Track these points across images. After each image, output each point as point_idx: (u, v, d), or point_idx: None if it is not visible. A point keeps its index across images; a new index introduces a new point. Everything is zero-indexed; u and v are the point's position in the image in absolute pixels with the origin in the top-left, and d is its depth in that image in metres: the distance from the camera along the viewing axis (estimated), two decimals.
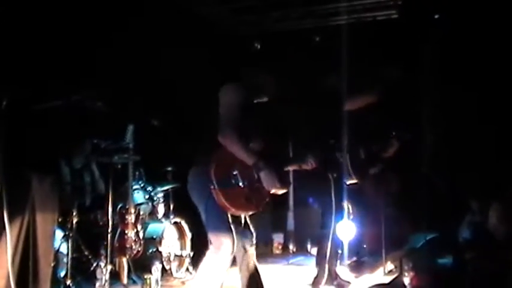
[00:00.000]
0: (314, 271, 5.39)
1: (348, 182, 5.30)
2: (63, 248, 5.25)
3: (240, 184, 3.77)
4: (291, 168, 4.27)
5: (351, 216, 5.94)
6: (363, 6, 7.37)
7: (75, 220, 5.31)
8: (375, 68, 5.89)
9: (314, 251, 7.67)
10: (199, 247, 5.99)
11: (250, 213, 3.95)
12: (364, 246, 6.54)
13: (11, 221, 3.50)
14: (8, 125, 3.48)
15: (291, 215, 8.90)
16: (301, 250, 8.14)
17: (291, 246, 8.44)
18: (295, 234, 8.62)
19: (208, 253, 3.90)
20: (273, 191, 3.90)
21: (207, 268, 3.86)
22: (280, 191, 3.98)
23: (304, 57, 7.78)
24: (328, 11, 7.69)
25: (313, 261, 5.54)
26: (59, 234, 5.20)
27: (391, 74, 5.34)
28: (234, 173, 3.77)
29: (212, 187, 3.73)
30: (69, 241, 5.22)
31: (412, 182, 6.75)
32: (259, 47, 7.96)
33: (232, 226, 3.79)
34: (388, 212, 6.39)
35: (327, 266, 5.29)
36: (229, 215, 3.81)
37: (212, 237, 3.86)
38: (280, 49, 7.88)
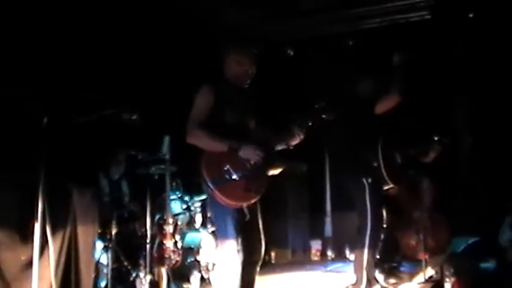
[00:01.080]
0: (353, 278, 5.35)
1: (385, 188, 5.26)
2: (104, 259, 5.30)
3: (234, 177, 3.80)
4: (280, 147, 4.22)
5: (387, 222, 5.88)
6: (395, 8, 7.30)
7: (114, 231, 5.37)
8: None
9: (352, 257, 7.66)
10: None
11: (253, 201, 3.92)
12: (401, 252, 6.46)
13: (53, 234, 3.58)
14: (49, 141, 3.54)
15: (328, 221, 8.86)
16: (340, 256, 8.06)
17: (329, 253, 8.37)
18: (333, 240, 8.56)
19: (218, 257, 3.99)
20: (258, 163, 3.89)
21: (221, 266, 3.92)
22: (275, 169, 4.03)
23: (336, 62, 7.77)
24: (360, 15, 7.65)
25: (351, 267, 5.50)
26: (99, 245, 5.25)
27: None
28: (226, 168, 3.81)
29: (209, 189, 3.80)
30: (109, 252, 5.29)
31: (450, 186, 6.68)
32: (292, 53, 7.97)
33: (238, 229, 3.82)
34: (426, 216, 6.34)
35: (365, 272, 5.24)
36: (233, 214, 3.83)
37: (219, 240, 3.97)
38: (313, 55, 7.89)
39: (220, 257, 3.93)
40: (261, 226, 4.04)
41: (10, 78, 4.82)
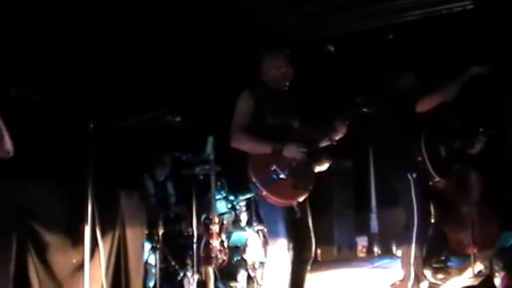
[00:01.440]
0: (400, 274, 5.31)
1: (431, 182, 5.20)
2: (151, 260, 5.37)
3: (282, 176, 3.88)
4: (324, 143, 4.22)
5: (434, 216, 5.81)
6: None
7: (161, 232, 5.44)
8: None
9: (399, 253, 7.59)
10: None
11: (302, 198, 3.97)
12: (449, 246, 6.38)
13: (103, 236, 3.66)
14: (96, 145, 3.61)
15: (374, 217, 8.80)
16: (387, 252, 7.99)
17: (375, 249, 8.32)
18: (380, 237, 8.50)
19: (268, 250, 4.06)
20: (303, 160, 3.94)
21: (271, 264, 3.96)
22: (321, 165, 4.09)
23: (376, 57, 7.70)
24: (400, 7, 7.55)
25: (398, 263, 5.46)
26: (147, 246, 5.33)
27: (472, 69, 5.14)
28: (272, 168, 3.89)
29: (259, 190, 3.88)
30: (157, 252, 5.36)
31: (498, 179, 6.55)
32: (332, 49, 7.93)
33: (289, 227, 3.87)
34: (475, 210, 6.24)
35: (412, 268, 5.19)
36: (284, 213, 3.89)
37: (270, 239, 4.04)
38: (353, 50, 7.83)
39: (271, 256, 3.98)
40: (310, 224, 4.08)
41: (57, 85, 4.94)
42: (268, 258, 4.06)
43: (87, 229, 3.49)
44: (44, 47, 5.12)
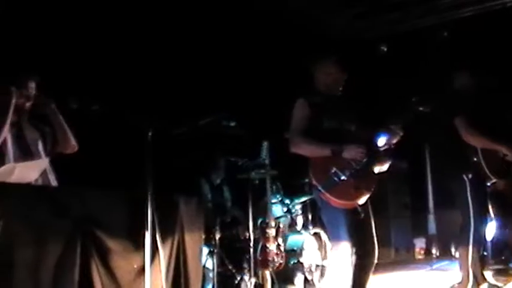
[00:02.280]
0: (459, 276, 5.23)
1: (489, 183, 5.10)
2: (209, 264, 5.45)
3: (343, 178, 3.91)
4: (382, 147, 4.19)
5: (493, 217, 5.70)
6: None
7: (218, 236, 5.51)
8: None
9: (458, 255, 7.46)
10: None
11: (365, 199, 3.99)
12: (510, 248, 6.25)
13: (163, 241, 3.73)
14: (155, 152, 3.70)
15: (432, 218, 8.69)
16: (445, 254, 7.89)
17: (433, 251, 8.22)
18: (438, 238, 8.38)
19: (332, 259, 4.07)
20: (362, 160, 3.97)
21: (333, 268, 4.00)
22: (381, 166, 4.10)
23: (431, 55, 7.60)
24: (453, 4, 7.44)
25: (457, 266, 5.39)
26: (204, 250, 5.39)
27: None
28: (333, 171, 3.92)
29: (321, 193, 3.92)
30: (214, 257, 5.43)
31: None
32: (385, 49, 7.86)
33: (352, 231, 3.89)
34: None
35: (471, 270, 5.10)
36: (346, 216, 3.91)
37: (332, 242, 4.05)
38: (407, 50, 7.75)
39: (334, 260, 4.01)
40: (373, 228, 4.07)
41: (115, 94, 5.06)
42: (331, 262, 4.08)
43: (148, 235, 3.58)
44: (101, 57, 5.26)
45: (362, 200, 3.99)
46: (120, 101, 4.93)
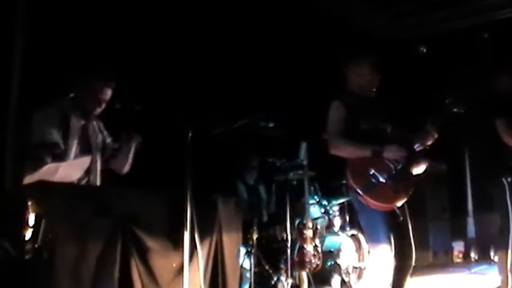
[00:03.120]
0: (498, 280, 5.16)
1: None
2: (246, 264, 5.47)
3: (382, 180, 3.89)
4: (418, 148, 4.15)
5: None
6: None
7: (255, 236, 5.54)
8: None
9: (497, 258, 7.33)
10: None
11: (403, 201, 3.96)
12: None
13: (201, 241, 3.76)
14: (194, 152, 3.74)
15: (471, 221, 8.58)
16: (484, 258, 7.77)
17: (472, 254, 8.10)
18: (477, 242, 8.27)
19: (370, 262, 4.04)
20: (403, 162, 3.96)
21: (373, 270, 3.97)
22: (418, 168, 4.05)
23: (471, 56, 7.50)
24: (494, 4, 7.32)
25: (497, 270, 5.31)
26: (242, 250, 5.41)
27: None
28: (371, 172, 3.90)
29: (359, 196, 3.89)
30: (251, 257, 5.46)
31: None
32: (425, 50, 7.80)
33: (390, 233, 3.87)
34: None
35: (510, 274, 5.03)
36: (384, 219, 3.89)
37: (371, 245, 4.05)
38: (447, 51, 7.67)
39: (373, 262, 3.98)
40: (411, 230, 4.05)
41: (158, 95, 5.14)
42: (370, 264, 4.07)
43: (187, 234, 3.62)
44: (143, 58, 5.34)
45: (400, 203, 3.96)
46: (161, 101, 5.01)
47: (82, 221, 3.21)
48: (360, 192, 3.90)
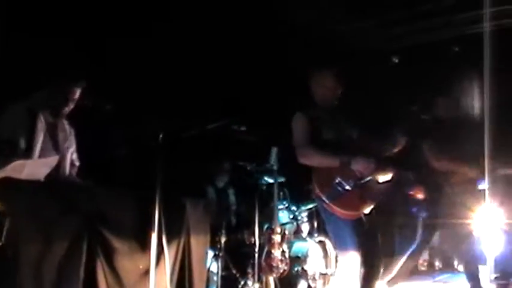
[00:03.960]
0: None
1: None
2: (213, 267, 5.45)
3: (347, 188, 3.88)
4: (385, 154, 4.19)
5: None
6: (506, 11, 7.01)
7: (223, 240, 5.52)
8: None
9: (461, 268, 7.44)
10: None
11: (370, 208, 3.96)
12: None
13: (168, 244, 3.74)
14: (164, 154, 3.72)
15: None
16: (448, 267, 7.83)
17: (436, 263, 8.16)
18: (441, 251, 8.34)
19: (338, 269, 4.07)
20: (370, 174, 3.93)
21: (340, 278, 3.96)
22: (385, 175, 4.02)
23: (441, 69, 7.59)
24: (470, 19, 7.42)
25: (459, 278, 5.39)
26: (209, 253, 5.40)
27: None
28: (337, 181, 3.89)
29: (325, 204, 3.90)
30: (219, 260, 5.44)
31: None
32: (397, 61, 7.87)
33: (357, 240, 3.87)
34: None
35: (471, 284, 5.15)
36: (352, 226, 3.89)
37: (338, 252, 4.08)
38: (418, 62, 7.74)
39: (340, 269, 3.99)
40: (379, 239, 4.06)
41: (128, 96, 5.09)
42: (338, 272, 4.08)
43: (154, 236, 3.59)
44: (115, 57, 5.29)
45: (367, 210, 3.97)
46: (133, 102, 4.97)
47: (48, 220, 3.18)
48: (326, 201, 3.90)
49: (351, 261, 3.85)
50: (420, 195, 5.29)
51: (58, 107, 3.97)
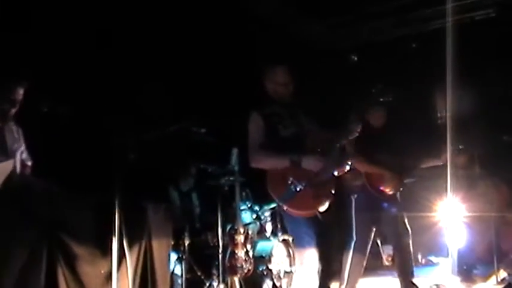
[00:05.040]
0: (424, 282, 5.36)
1: None
2: (177, 270, 5.44)
3: (299, 188, 3.84)
4: (343, 142, 4.15)
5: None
6: (459, 7, 7.17)
7: (187, 242, 5.52)
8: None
9: (425, 261, 7.59)
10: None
11: (325, 206, 3.93)
12: (475, 255, 6.41)
13: (130, 247, 3.74)
14: (123, 158, 3.71)
15: None
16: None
17: None
18: None
19: (297, 267, 4.06)
20: (320, 172, 3.91)
21: (299, 276, 3.98)
22: (340, 168, 4.02)
23: (401, 65, 7.72)
24: (424, 16, 7.57)
25: (424, 272, 5.50)
26: (173, 256, 5.40)
27: None
28: (289, 182, 3.86)
29: (279, 205, 3.92)
30: (183, 263, 5.44)
31: None
32: (356, 59, 7.97)
33: (313, 235, 3.88)
34: (500, 219, 6.26)
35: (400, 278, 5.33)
36: (308, 224, 3.89)
37: (297, 250, 4.09)
38: (378, 60, 7.86)
39: (300, 268, 3.99)
40: (340, 234, 4.10)
41: (88, 98, 5.05)
42: (297, 270, 4.09)
43: (115, 241, 3.59)
44: (73, 60, 5.24)
45: (322, 208, 3.94)
46: (91, 105, 4.92)
47: (5, 226, 3.14)
48: (279, 202, 3.91)
49: (308, 259, 3.86)
50: (390, 191, 5.34)
51: (2, 110, 3.89)
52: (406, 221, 5.27)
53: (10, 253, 3.13)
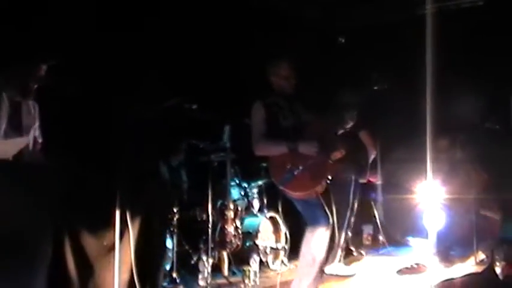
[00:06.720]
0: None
1: None
2: (168, 244, 5.54)
3: (296, 172, 4.22)
4: (340, 131, 4.70)
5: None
6: None
7: (176, 217, 5.62)
8: None
9: (404, 242, 7.75)
10: (294, 240, 6.24)
11: (323, 185, 4.31)
12: (453, 237, 6.59)
13: (132, 221, 3.82)
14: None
15: (379, 205, 8.90)
16: (391, 241, 8.09)
17: (380, 237, 8.41)
18: (385, 225, 8.60)
19: (306, 233, 4.33)
20: (317, 154, 4.25)
21: (307, 247, 4.29)
22: (337, 154, 4.38)
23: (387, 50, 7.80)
24: (411, 1, 7.65)
25: (404, 251, 5.66)
26: None
27: None
28: (288, 166, 4.23)
29: (281, 189, 4.31)
30: (173, 237, 5.55)
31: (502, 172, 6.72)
32: (343, 41, 8.05)
33: (323, 205, 4.28)
34: (479, 202, 6.44)
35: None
36: (309, 205, 4.30)
37: (307, 218, 4.34)
38: (363, 43, 7.94)
39: (308, 242, 4.30)
40: (334, 212, 4.35)
41: (88, 77, 5.07)
42: (306, 240, 4.31)
43: (117, 213, 3.68)
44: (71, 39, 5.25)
45: (321, 188, 4.29)
46: (92, 83, 4.96)
47: (13, 199, 3.20)
48: (279, 186, 4.30)
49: (319, 234, 4.20)
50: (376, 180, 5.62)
51: (23, 86, 3.94)
52: None
53: (19, 224, 3.19)
